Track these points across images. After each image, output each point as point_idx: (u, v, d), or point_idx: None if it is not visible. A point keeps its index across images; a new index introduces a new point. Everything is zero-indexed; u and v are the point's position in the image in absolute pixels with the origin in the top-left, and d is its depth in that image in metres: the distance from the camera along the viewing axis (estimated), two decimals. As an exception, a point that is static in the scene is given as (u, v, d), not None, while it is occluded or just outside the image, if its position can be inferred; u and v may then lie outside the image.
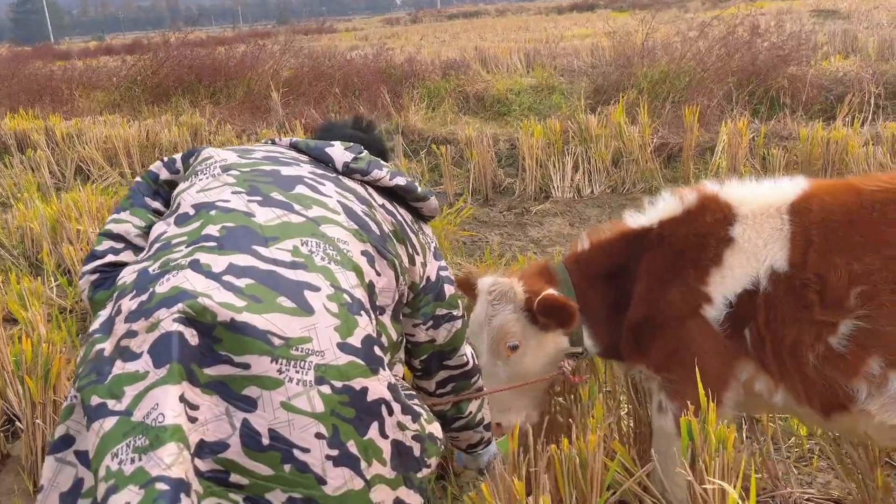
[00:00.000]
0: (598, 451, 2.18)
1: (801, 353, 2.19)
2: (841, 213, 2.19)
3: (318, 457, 1.46)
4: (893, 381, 2.10)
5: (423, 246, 2.05)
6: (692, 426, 2.08)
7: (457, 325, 2.14)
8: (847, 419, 2.21)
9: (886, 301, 2.07)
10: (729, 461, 2.04)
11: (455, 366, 2.21)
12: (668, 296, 2.38)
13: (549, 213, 6.83)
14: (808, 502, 2.89)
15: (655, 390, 2.46)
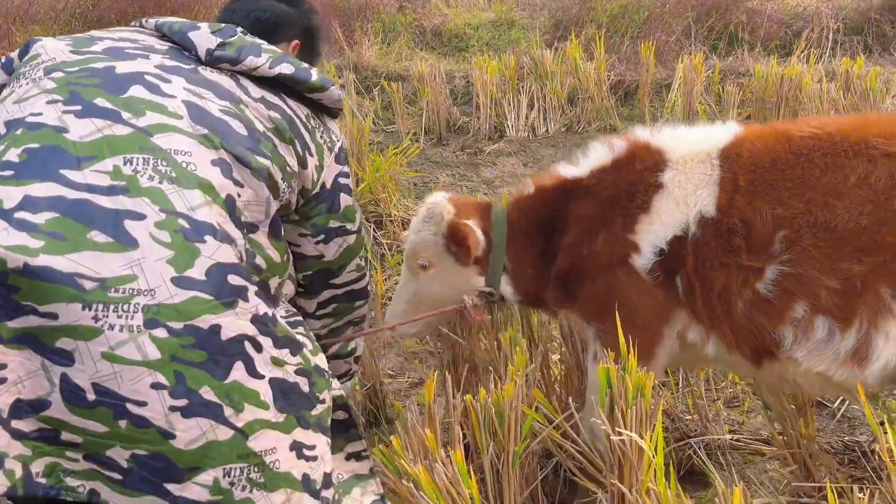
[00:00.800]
0: (516, 400, 2.11)
1: (729, 299, 2.15)
2: (769, 158, 2.13)
3: (160, 409, 1.32)
4: (819, 326, 2.07)
5: (321, 146, 1.80)
6: (610, 374, 2.02)
7: (349, 240, 1.93)
8: (776, 367, 2.19)
9: (809, 245, 2.03)
10: (646, 409, 1.99)
11: (341, 283, 2.00)
12: (594, 245, 2.31)
13: (502, 152, 6.69)
14: (738, 443, 2.90)
15: (591, 340, 2.40)
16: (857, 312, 2.01)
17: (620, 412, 1.98)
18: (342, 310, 2.05)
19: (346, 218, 1.89)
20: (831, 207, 2.02)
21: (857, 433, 2.93)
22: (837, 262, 2.00)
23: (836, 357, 2.05)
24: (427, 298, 2.57)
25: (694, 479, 2.75)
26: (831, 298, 2.02)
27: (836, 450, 2.80)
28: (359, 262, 1.99)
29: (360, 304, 2.11)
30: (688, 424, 2.93)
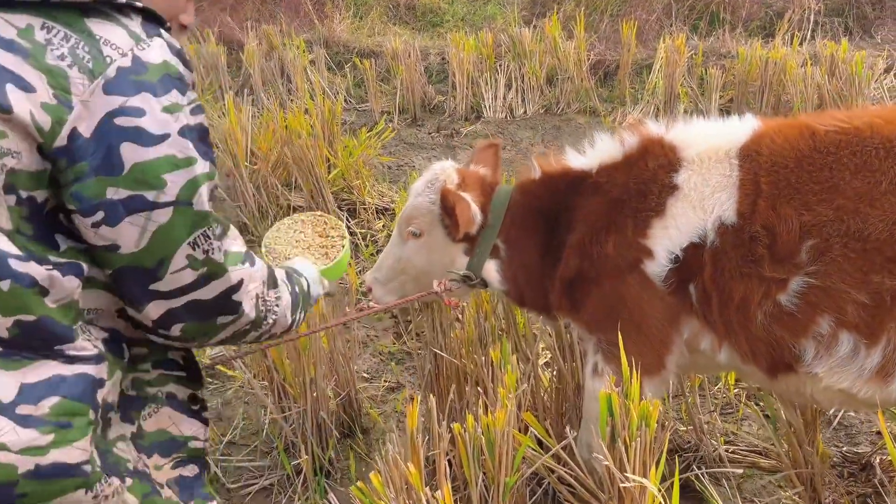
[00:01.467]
0: (507, 427, 1.93)
1: (748, 311, 1.99)
2: (793, 157, 1.94)
3: None
4: (843, 342, 1.92)
5: (59, 72, 1.16)
6: (612, 402, 1.84)
7: (157, 217, 1.21)
8: (793, 380, 2.04)
9: (838, 256, 1.86)
10: (650, 440, 1.82)
11: (170, 291, 1.27)
12: (604, 249, 2.12)
13: (480, 134, 6.46)
14: (734, 455, 2.77)
15: (591, 352, 2.23)
16: (886, 328, 1.86)
17: (623, 444, 1.81)
18: (196, 332, 1.35)
19: (139, 182, 1.18)
20: (863, 215, 1.85)
21: (854, 442, 2.82)
22: (868, 274, 1.84)
23: (861, 374, 1.90)
24: (410, 268, 2.42)
25: (688, 495, 2.60)
26: (859, 313, 1.86)
27: (835, 462, 2.68)
28: (191, 252, 1.26)
29: (231, 321, 1.38)
30: (681, 436, 2.78)
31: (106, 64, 1.17)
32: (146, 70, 1.19)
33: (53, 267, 1.17)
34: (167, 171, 1.20)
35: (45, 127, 1.14)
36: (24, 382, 1.14)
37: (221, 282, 1.32)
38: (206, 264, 1.28)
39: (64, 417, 1.15)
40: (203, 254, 1.27)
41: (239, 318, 1.39)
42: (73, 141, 1.15)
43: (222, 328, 1.38)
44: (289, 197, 4.79)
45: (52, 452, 1.13)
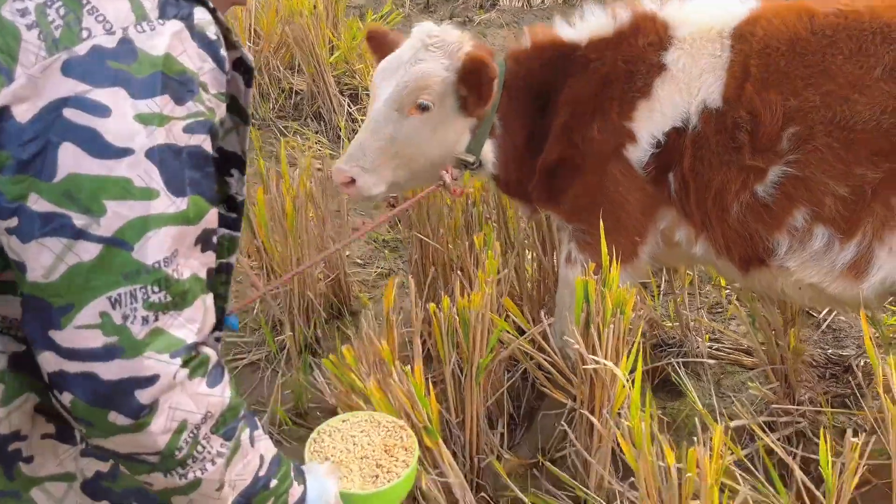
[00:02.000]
0: (484, 309, 1.92)
1: (725, 201, 1.95)
2: (786, 39, 1.85)
3: None
4: (818, 236, 1.89)
5: (6, 30, 0.89)
6: (589, 288, 1.82)
7: (80, 251, 0.91)
8: (765, 274, 2.02)
9: (821, 145, 1.79)
10: (625, 328, 1.81)
11: (69, 349, 0.94)
12: (588, 132, 2.06)
13: (493, 23, 6.21)
14: (717, 353, 2.78)
15: (566, 240, 2.20)
16: (862, 223, 1.82)
17: (597, 331, 1.80)
18: (85, 414, 0.96)
19: (70, 199, 0.89)
20: (852, 103, 1.77)
21: (841, 345, 2.82)
22: (850, 165, 1.78)
23: (832, 269, 1.88)
24: (407, 149, 2.11)
25: (668, 389, 2.64)
26: (836, 207, 1.82)
27: (819, 363, 2.69)
28: (108, 309, 0.93)
29: (125, 426, 0.97)
30: (667, 332, 2.78)
31: (79, 38, 0.88)
32: (134, 59, 0.89)
33: None
34: (112, 196, 0.89)
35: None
36: None
37: (127, 365, 0.94)
38: (117, 333, 0.93)
39: None
40: (122, 319, 0.93)
41: (138, 430, 0.96)
42: (1, 121, 0.88)
43: (114, 430, 0.97)
44: (291, 80, 4.68)
45: None
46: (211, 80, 0.95)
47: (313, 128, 4.40)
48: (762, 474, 1.98)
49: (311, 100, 4.51)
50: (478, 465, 2.16)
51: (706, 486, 1.46)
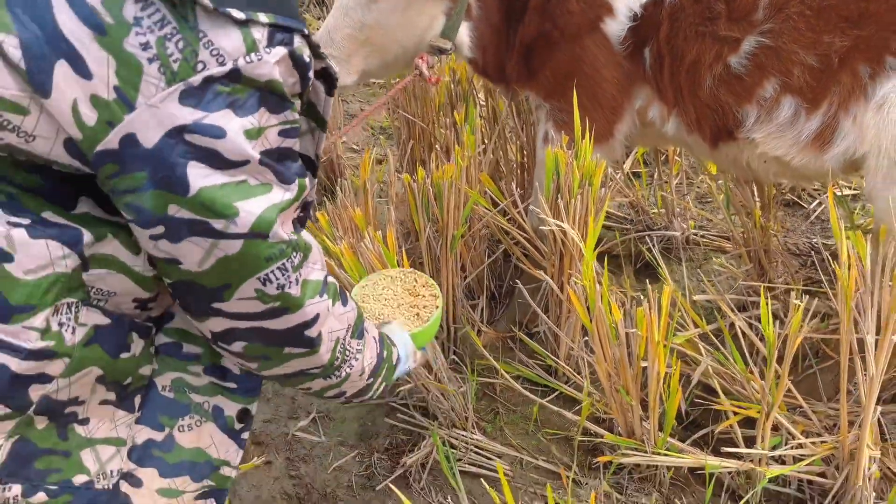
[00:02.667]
0: (459, 181, 1.96)
1: (698, 75, 1.94)
2: None
3: None
4: (784, 106, 1.88)
5: (128, 63, 0.92)
6: (559, 160, 1.85)
7: (226, 248, 1.03)
8: (732, 148, 2.03)
9: (794, 13, 1.77)
10: (593, 199, 1.84)
11: (236, 314, 1.10)
12: (566, 5, 2.02)
13: None
14: (702, 238, 2.82)
15: (543, 119, 2.20)
16: (829, 93, 1.81)
17: (564, 202, 1.84)
18: (260, 353, 1.16)
19: (207, 209, 0.99)
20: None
21: (828, 235, 2.83)
22: (820, 34, 1.76)
23: (797, 141, 1.88)
24: (377, 36, 2.02)
25: (650, 272, 2.69)
26: (805, 76, 1.81)
27: (802, 251, 2.71)
28: (260, 287, 1.07)
29: (301, 353, 1.18)
30: (652, 218, 2.82)
31: (194, 71, 0.93)
32: (240, 83, 0.96)
33: (30, 223, 0.99)
34: (240, 198, 1.00)
35: (88, 123, 0.93)
36: None
37: (296, 316, 1.12)
38: (279, 299, 1.09)
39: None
40: (277, 289, 1.08)
41: (310, 355, 1.19)
42: (127, 148, 0.94)
43: (289, 358, 1.18)
44: None
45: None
46: (291, 90, 1.04)
47: (315, 14, 4.34)
48: (728, 350, 2.06)
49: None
50: (454, 334, 2.26)
51: (653, 343, 1.53)
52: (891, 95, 1.73)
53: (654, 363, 1.56)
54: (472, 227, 2.16)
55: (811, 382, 2.14)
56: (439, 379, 1.97)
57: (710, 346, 2.07)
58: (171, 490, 1.17)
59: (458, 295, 2.20)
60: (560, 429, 2.08)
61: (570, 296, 1.66)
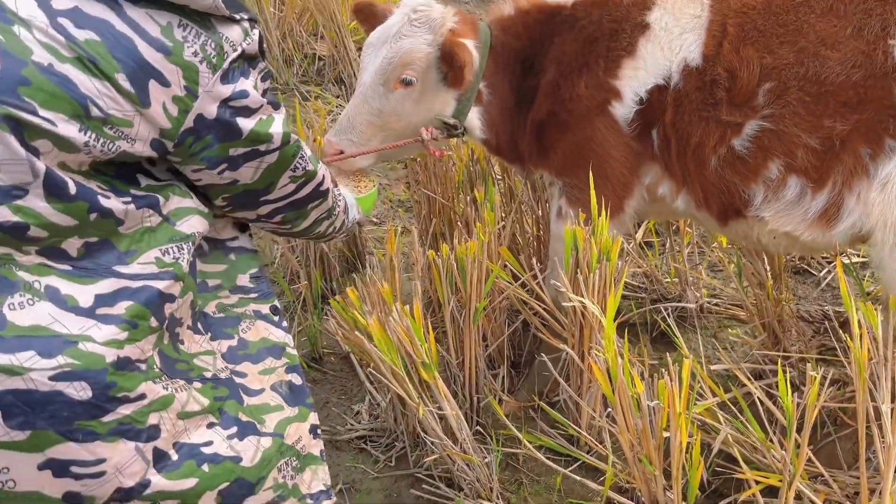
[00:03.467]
0: (480, 255, 2.05)
1: (703, 156, 2.04)
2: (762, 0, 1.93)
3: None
4: (790, 186, 1.98)
5: (191, 67, 1.33)
6: (577, 236, 1.94)
7: (268, 159, 1.51)
8: (742, 225, 2.11)
9: (793, 100, 1.88)
10: (611, 274, 1.92)
11: (278, 198, 1.61)
12: (575, 89, 2.15)
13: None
14: (715, 307, 2.88)
15: (556, 195, 2.30)
16: (833, 173, 1.90)
17: (583, 276, 1.92)
18: (292, 217, 1.68)
19: (255, 141, 1.46)
20: (823, 58, 1.85)
21: (839, 302, 2.89)
22: (821, 118, 1.87)
23: (805, 217, 1.97)
24: (394, 122, 2.21)
25: (666, 342, 2.75)
26: (808, 158, 1.91)
27: (815, 319, 2.77)
28: (292, 174, 1.57)
29: (317, 205, 1.70)
30: (666, 287, 2.89)
31: (224, 58, 1.36)
32: (244, 58, 1.41)
33: (132, 200, 1.35)
34: (268, 127, 1.46)
35: (173, 114, 1.33)
36: (97, 293, 1.31)
37: (314, 181, 1.64)
38: (304, 176, 1.60)
39: (135, 318, 1.31)
40: (302, 171, 1.58)
41: (324, 201, 1.71)
42: (199, 122, 1.37)
43: (311, 211, 1.70)
44: (314, 46, 4.80)
45: (126, 347, 1.30)
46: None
47: (334, 92, 4.53)
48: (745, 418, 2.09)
49: (332, 65, 4.63)
50: (477, 403, 2.31)
51: (675, 414, 1.58)
52: (893, 174, 1.83)
53: (677, 434, 1.61)
54: (493, 299, 2.23)
55: (830, 449, 2.17)
56: (464, 449, 2.01)
57: (727, 414, 2.11)
58: (267, 369, 1.58)
59: (481, 365, 2.26)
60: (584, 498, 2.11)
61: (593, 368, 1.72)
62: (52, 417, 1.23)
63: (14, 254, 1.25)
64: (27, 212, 1.22)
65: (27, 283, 1.25)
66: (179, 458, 1.37)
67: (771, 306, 2.37)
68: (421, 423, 2.00)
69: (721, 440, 2.00)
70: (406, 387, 1.92)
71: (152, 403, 1.33)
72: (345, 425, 2.46)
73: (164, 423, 1.35)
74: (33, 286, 1.26)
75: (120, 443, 1.29)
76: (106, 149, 1.29)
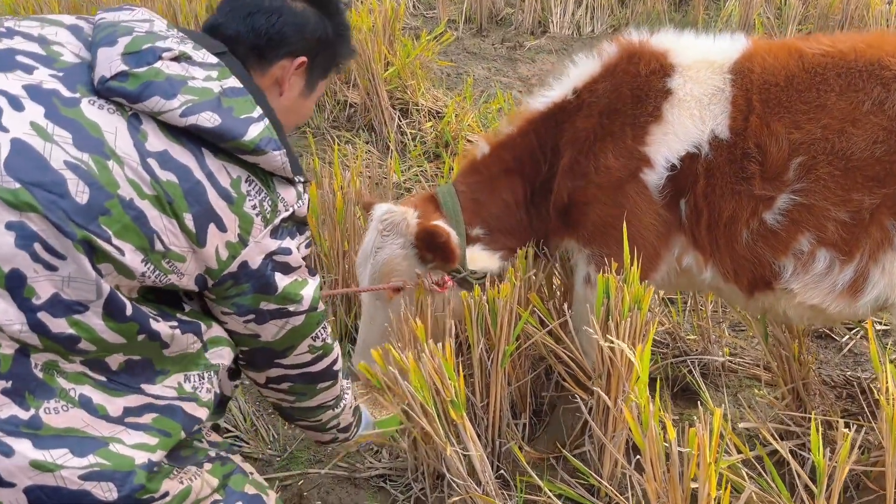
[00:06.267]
0: (511, 300, 2.09)
1: (735, 229, 2.07)
2: (783, 76, 2.00)
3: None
4: (820, 259, 2.01)
5: (248, 218, 1.43)
6: (610, 284, 1.97)
7: (294, 321, 1.56)
8: (769, 298, 2.13)
9: (823, 174, 1.93)
10: (642, 322, 1.95)
11: (291, 365, 1.65)
12: (602, 161, 2.16)
13: (543, 49, 6.42)
14: (736, 366, 2.88)
15: (583, 263, 2.29)
16: (861, 245, 1.94)
17: (615, 323, 1.95)
18: (300, 390, 1.71)
19: (286, 300, 1.52)
20: (848, 134, 1.91)
21: (860, 370, 2.89)
22: (850, 192, 1.91)
23: (833, 290, 2.00)
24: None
25: (687, 398, 2.75)
26: (838, 231, 1.94)
27: (837, 383, 2.76)
28: (312, 343, 1.62)
29: (326, 387, 1.73)
30: (689, 344, 2.90)
31: (277, 215, 1.47)
32: (294, 220, 1.52)
33: (178, 325, 1.44)
34: (301, 289, 1.54)
35: (222, 258, 1.43)
36: (126, 406, 1.39)
37: (329, 357, 1.69)
38: (322, 348, 1.66)
39: (165, 428, 1.41)
40: (321, 342, 1.64)
41: (332, 387, 1.74)
42: (242, 269, 1.46)
43: (318, 392, 1.74)
44: (346, 93, 4.94)
45: (158, 452, 1.38)
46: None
47: (364, 138, 4.64)
48: (769, 476, 2.09)
49: (364, 112, 4.75)
50: (499, 448, 2.30)
51: (705, 464, 1.59)
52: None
53: (706, 485, 1.61)
54: (520, 345, 2.26)
55: (853, 515, 2.15)
56: (487, 492, 2.01)
57: (751, 473, 2.10)
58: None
59: (505, 408, 2.27)
60: (603, 550, 2.09)
61: (625, 413, 1.73)
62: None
63: (60, 361, 1.32)
64: (83, 326, 1.30)
65: (64, 391, 1.32)
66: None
67: (796, 369, 2.38)
68: (445, 462, 2.00)
69: (745, 497, 1.99)
70: (434, 425, 1.93)
71: (173, 500, 1.40)
72: (364, 462, 2.46)
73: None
74: (69, 394, 1.33)
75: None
76: (158, 280, 1.38)
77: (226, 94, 1.39)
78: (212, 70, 1.41)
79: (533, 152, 2.26)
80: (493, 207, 2.30)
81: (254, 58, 1.55)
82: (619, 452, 2.08)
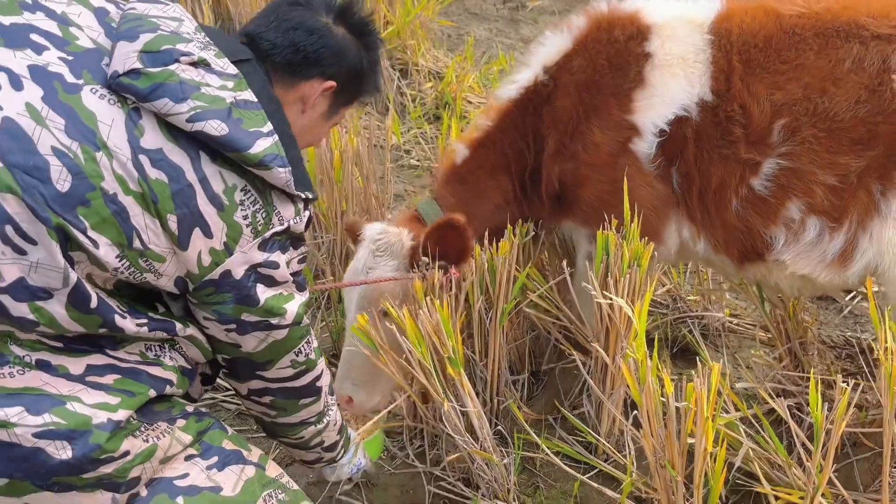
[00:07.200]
0: (509, 258, 2.08)
1: (725, 196, 2.02)
2: (762, 37, 1.95)
3: None
4: (810, 228, 1.98)
5: (237, 227, 1.41)
6: (609, 240, 1.95)
7: (276, 335, 1.53)
8: (760, 268, 2.11)
9: (808, 136, 1.90)
10: (640, 279, 1.94)
11: (273, 378, 1.62)
12: (588, 139, 2.09)
13: (546, 10, 6.31)
14: (736, 326, 2.88)
15: (584, 242, 2.24)
16: (849, 212, 1.91)
17: (613, 279, 1.93)
18: (281, 405, 1.67)
19: (269, 312, 1.50)
20: (830, 94, 1.87)
21: (860, 330, 2.89)
22: (836, 155, 1.88)
23: (823, 259, 1.97)
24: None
25: (687, 357, 2.75)
26: (826, 196, 1.91)
27: (837, 344, 2.76)
28: (294, 357, 1.59)
29: (309, 403, 1.69)
30: (689, 305, 2.89)
31: (270, 228, 1.45)
32: (288, 234, 1.49)
33: (146, 322, 1.43)
34: (284, 302, 1.52)
35: (204, 264, 1.41)
36: (89, 363, 1.38)
37: (312, 373, 1.66)
38: (304, 363, 1.63)
39: (128, 388, 1.40)
40: (304, 357, 1.61)
41: (315, 403, 1.70)
42: (224, 278, 1.44)
43: (301, 408, 1.70)
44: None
45: (120, 412, 1.36)
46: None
47: (363, 99, 4.59)
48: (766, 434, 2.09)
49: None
50: (497, 406, 2.31)
51: (702, 419, 1.59)
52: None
53: (702, 439, 1.61)
54: (519, 304, 2.25)
55: (847, 471, 2.16)
56: (484, 448, 2.02)
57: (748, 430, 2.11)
58: None
59: (504, 367, 2.27)
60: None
61: (623, 369, 1.73)
62: (30, 472, 1.29)
63: (15, 332, 1.32)
64: (44, 313, 1.30)
65: (18, 357, 1.32)
66: (150, 494, 1.41)
67: (793, 328, 2.37)
68: (444, 420, 2.01)
69: (743, 454, 1.99)
70: (432, 381, 1.93)
71: (135, 458, 1.38)
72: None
73: (145, 472, 1.40)
74: (24, 359, 1.32)
75: (98, 493, 1.35)
76: (131, 276, 1.37)
77: (238, 105, 1.38)
78: (228, 80, 1.40)
79: (515, 145, 2.19)
80: (485, 213, 2.22)
81: (284, 71, 1.56)
82: (616, 410, 2.09)
